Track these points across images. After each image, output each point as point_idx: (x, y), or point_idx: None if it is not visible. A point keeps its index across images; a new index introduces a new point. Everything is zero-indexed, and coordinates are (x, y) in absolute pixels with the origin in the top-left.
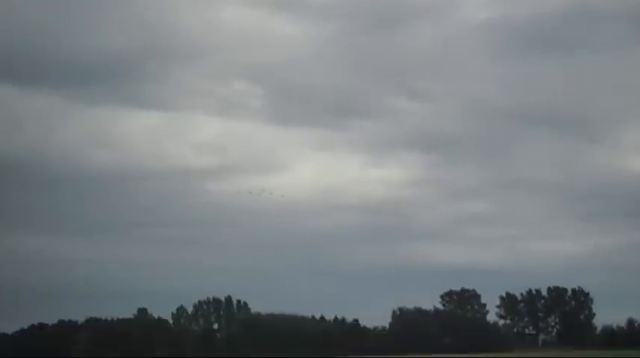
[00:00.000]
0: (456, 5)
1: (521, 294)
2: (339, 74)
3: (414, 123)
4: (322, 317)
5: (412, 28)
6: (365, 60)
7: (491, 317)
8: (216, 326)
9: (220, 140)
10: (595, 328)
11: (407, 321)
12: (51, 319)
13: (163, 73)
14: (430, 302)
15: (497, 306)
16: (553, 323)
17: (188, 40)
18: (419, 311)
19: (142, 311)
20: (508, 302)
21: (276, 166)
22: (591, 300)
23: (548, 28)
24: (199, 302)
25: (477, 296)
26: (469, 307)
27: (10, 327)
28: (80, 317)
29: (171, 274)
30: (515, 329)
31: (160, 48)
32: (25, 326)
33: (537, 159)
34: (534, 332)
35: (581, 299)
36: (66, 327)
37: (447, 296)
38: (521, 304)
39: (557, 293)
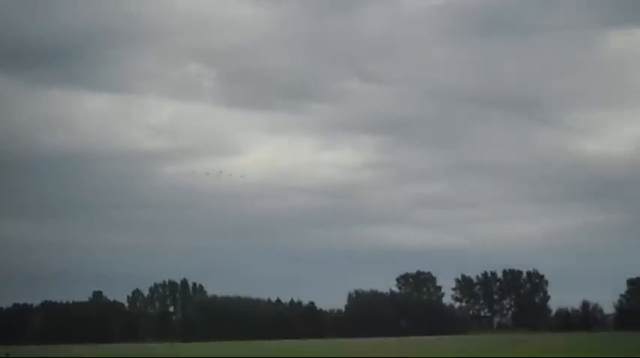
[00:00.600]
0: None
1: (477, 277)
2: (293, 57)
3: (368, 106)
4: (278, 300)
5: (365, 10)
6: (318, 43)
7: (447, 299)
8: (172, 309)
9: (174, 122)
10: (550, 310)
11: (363, 304)
12: (5, 302)
13: (116, 55)
14: (386, 285)
15: (453, 289)
16: (508, 306)
17: (141, 22)
18: (375, 294)
19: (98, 294)
20: (464, 284)
21: (230, 149)
22: (546, 283)
23: (501, 11)
24: (155, 285)
25: (433, 279)
26: (425, 290)
27: None
28: (35, 301)
29: (127, 257)
30: (470, 312)
31: (112, 30)
32: None
33: (492, 142)
34: (489, 314)
35: (536, 282)
36: (21, 310)
37: (403, 279)
38: (477, 286)
39: (512, 275)
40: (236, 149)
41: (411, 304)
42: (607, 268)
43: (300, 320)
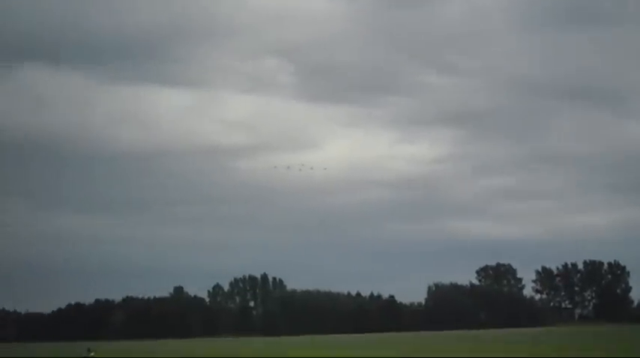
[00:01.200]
0: None
1: (557, 268)
2: (369, 51)
3: (444, 98)
4: (358, 294)
5: (441, 2)
6: (394, 36)
7: (528, 291)
8: (252, 303)
9: (251, 118)
10: (632, 302)
11: (443, 297)
12: (88, 299)
13: (192, 51)
14: (466, 277)
15: (533, 281)
16: (589, 298)
17: (217, 18)
18: (455, 287)
19: (178, 290)
20: (544, 276)
21: (307, 143)
22: (628, 274)
23: (582, 1)
24: (235, 280)
25: (513, 271)
26: (505, 282)
27: (48, 307)
28: (117, 297)
29: (207, 252)
30: (551, 304)
31: (188, 26)
32: (62, 306)
33: (569, 133)
34: (570, 306)
35: (618, 273)
36: (102, 307)
37: (483, 272)
38: (557, 278)
39: (593, 267)
40: (313, 143)
41: (491, 296)
42: None
43: (380, 313)
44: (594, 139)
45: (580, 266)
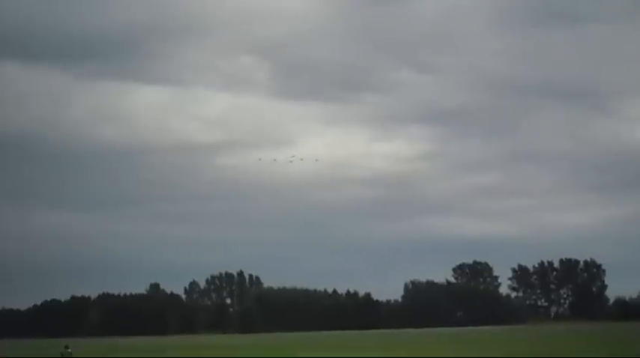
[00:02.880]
0: None
1: (534, 266)
2: (345, 48)
3: (421, 96)
4: (335, 291)
5: (418, 0)
6: (371, 33)
7: (504, 289)
8: (228, 300)
9: (227, 115)
10: (608, 300)
11: (419, 294)
12: (64, 295)
13: (170, 49)
14: (442, 275)
15: (510, 279)
16: (565, 296)
17: (194, 15)
18: (431, 285)
19: (154, 287)
20: (520, 274)
21: (283, 140)
22: (603, 272)
23: None
24: (212, 276)
25: (489, 269)
26: (481, 280)
27: (24, 303)
28: (93, 293)
29: (184, 249)
30: (527, 302)
31: (164, 23)
32: (39, 303)
33: (546, 131)
34: (546, 304)
35: (594, 271)
36: (78, 303)
37: (459, 269)
38: (534, 276)
39: (569, 265)
40: (290, 141)
41: (468, 294)
42: None
43: (357, 311)
44: (573, 138)
45: (556, 264)
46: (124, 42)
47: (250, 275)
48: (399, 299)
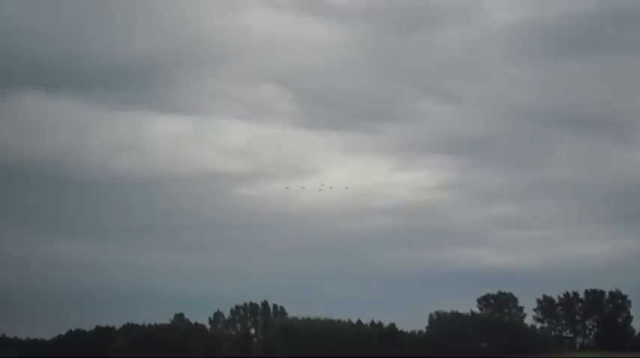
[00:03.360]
0: (484, 7)
1: (559, 297)
2: (368, 77)
3: (443, 126)
4: (359, 321)
5: (440, 30)
6: (393, 63)
7: (529, 320)
8: (253, 331)
9: (249, 145)
10: (633, 331)
11: (444, 325)
12: (88, 325)
13: (191, 78)
14: (467, 306)
15: (535, 310)
16: (591, 327)
17: (213, 44)
18: (456, 315)
19: (179, 317)
20: (545, 305)
21: (306, 170)
22: (629, 303)
23: (578, 29)
24: (236, 307)
25: (514, 300)
26: (506, 310)
27: (48, 333)
28: (117, 323)
29: (207, 279)
30: (552, 333)
31: (185, 52)
32: (63, 333)
33: (568, 161)
34: (572, 335)
35: (619, 302)
36: (103, 333)
37: (484, 300)
38: (559, 307)
39: (594, 296)
40: (312, 171)
41: (493, 325)
42: None
43: (381, 340)
44: (595, 168)
45: (581, 295)
46: (144, 71)
47: (275, 305)
48: (424, 330)
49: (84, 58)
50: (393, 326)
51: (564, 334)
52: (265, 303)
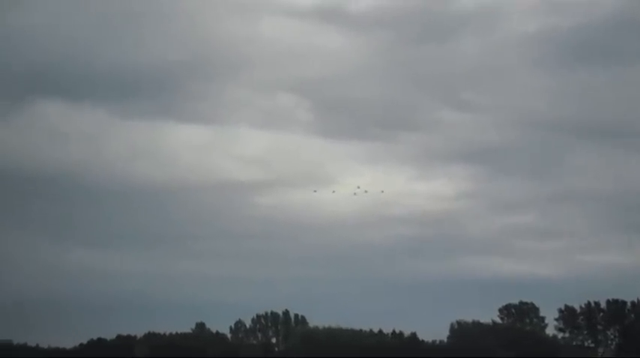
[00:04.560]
0: (502, 16)
1: (580, 307)
2: (385, 86)
3: (462, 135)
4: (380, 331)
5: (459, 39)
6: (411, 72)
7: (550, 330)
8: (274, 340)
9: (267, 153)
10: None
11: (465, 335)
12: (109, 334)
13: (208, 86)
14: (488, 315)
15: (556, 319)
16: (612, 337)
17: (230, 52)
18: (477, 325)
19: (200, 326)
20: (567, 315)
21: (324, 179)
22: None
23: (596, 39)
24: (257, 316)
25: (536, 310)
26: (527, 320)
27: (69, 342)
28: (139, 332)
29: (229, 288)
30: (574, 343)
31: (203, 61)
32: (84, 341)
33: (588, 170)
34: (593, 345)
35: None
36: (124, 342)
37: (505, 310)
38: (580, 317)
39: (616, 305)
40: (330, 179)
41: (514, 335)
42: None
43: (402, 350)
44: (615, 177)
45: (603, 305)
46: (162, 80)
47: (296, 315)
48: (445, 340)
49: (100, 67)
50: (414, 335)
51: (586, 344)
52: (286, 312)
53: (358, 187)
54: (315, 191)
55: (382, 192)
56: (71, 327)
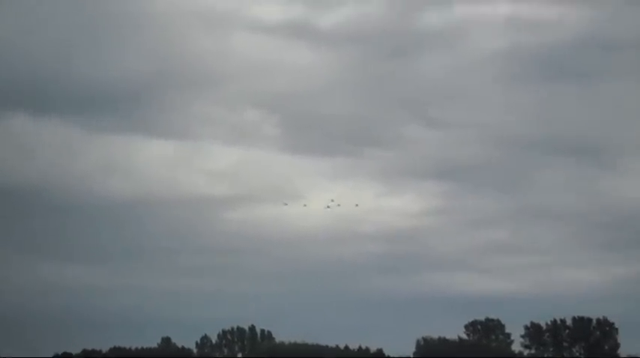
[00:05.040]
0: (470, 33)
1: (546, 324)
2: (355, 102)
3: (430, 151)
4: (346, 347)
5: (427, 56)
6: (380, 88)
7: (516, 346)
8: (240, 355)
9: (235, 169)
10: None
11: (431, 351)
12: (75, 348)
13: (177, 101)
14: (454, 332)
15: (522, 336)
16: (578, 354)
17: (201, 67)
18: (443, 341)
19: (166, 340)
20: (533, 331)
21: (292, 195)
22: (616, 330)
23: (564, 56)
24: (223, 331)
25: (502, 326)
26: (493, 337)
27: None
28: (104, 346)
29: (194, 303)
30: None
31: (173, 76)
32: (50, 356)
33: (556, 187)
34: None
35: (606, 330)
36: (90, 356)
37: (472, 326)
38: (546, 334)
39: (581, 323)
40: (298, 195)
41: (480, 351)
42: None
43: None
44: (583, 194)
45: (569, 322)
46: (132, 94)
47: (262, 330)
48: (411, 355)
49: (71, 81)
50: (380, 351)
51: None
52: (253, 328)
53: (332, 200)
54: (285, 204)
55: (357, 205)
56: (37, 341)
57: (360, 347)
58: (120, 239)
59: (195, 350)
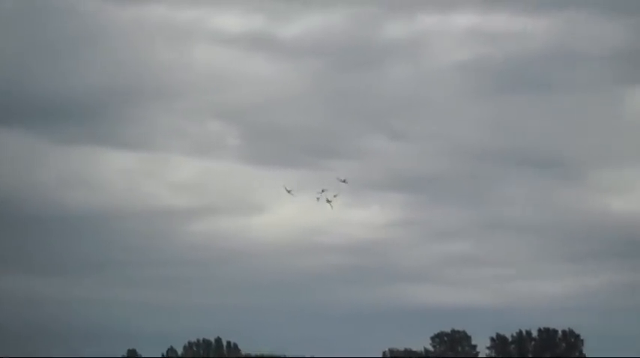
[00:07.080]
0: (433, 45)
1: (512, 335)
2: (316, 113)
3: (393, 163)
4: None
5: (389, 67)
6: (342, 100)
7: None
8: None
9: (197, 180)
10: None
11: None
12: None
13: (139, 113)
14: (420, 343)
15: (488, 348)
16: None
17: (162, 79)
18: (409, 353)
19: (132, 352)
20: (498, 343)
21: (254, 207)
22: (582, 342)
23: (526, 69)
24: (189, 343)
25: (468, 338)
26: (460, 349)
27: None
28: None
29: (160, 315)
30: None
31: (135, 87)
32: None
33: (519, 200)
34: None
35: (572, 341)
36: None
37: (437, 338)
38: (512, 345)
39: (547, 334)
40: (260, 207)
41: None
42: None
43: None
44: (546, 207)
45: (534, 333)
46: (93, 106)
47: (228, 342)
48: None
49: (33, 92)
50: None
51: None
52: (219, 340)
53: (322, 190)
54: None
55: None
56: None
57: None
58: (82, 251)
59: None
